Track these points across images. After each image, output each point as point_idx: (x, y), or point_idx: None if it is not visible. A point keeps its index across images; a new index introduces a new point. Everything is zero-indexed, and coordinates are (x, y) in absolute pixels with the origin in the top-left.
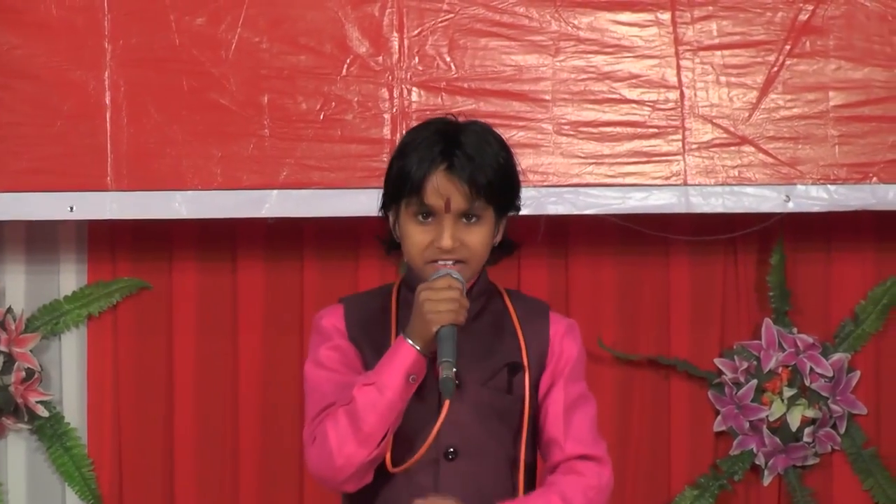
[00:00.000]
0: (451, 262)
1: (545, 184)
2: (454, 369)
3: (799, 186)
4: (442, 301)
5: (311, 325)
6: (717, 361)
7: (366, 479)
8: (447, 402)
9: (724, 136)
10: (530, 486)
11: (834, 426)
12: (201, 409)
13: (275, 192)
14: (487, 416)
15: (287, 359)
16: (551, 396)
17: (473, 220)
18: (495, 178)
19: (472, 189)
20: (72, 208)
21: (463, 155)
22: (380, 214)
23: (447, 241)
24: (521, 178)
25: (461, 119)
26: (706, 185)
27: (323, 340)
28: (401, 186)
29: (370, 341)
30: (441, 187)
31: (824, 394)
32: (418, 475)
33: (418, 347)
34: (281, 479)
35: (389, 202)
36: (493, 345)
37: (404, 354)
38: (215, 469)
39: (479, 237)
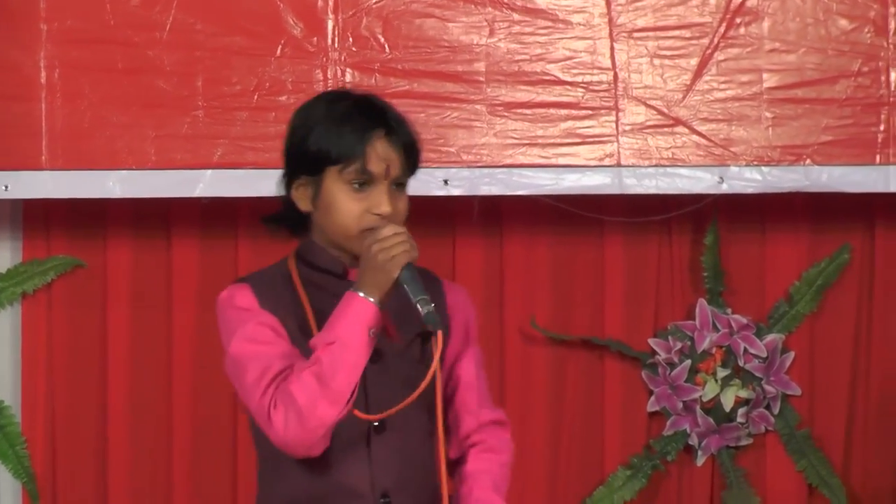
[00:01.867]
0: None
1: (478, 164)
2: (432, 303)
3: (732, 168)
4: (394, 246)
5: (220, 307)
6: (651, 342)
7: (327, 443)
8: (440, 334)
9: (658, 117)
10: (437, 452)
11: (767, 407)
12: (135, 386)
13: (209, 171)
14: (408, 386)
15: (219, 340)
16: (463, 365)
17: (401, 186)
18: (416, 147)
19: (407, 155)
20: (6, 187)
21: (395, 121)
22: (281, 192)
23: (387, 206)
24: (454, 157)
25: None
26: (640, 166)
27: (248, 318)
28: (329, 153)
29: (287, 315)
30: (382, 154)
31: (758, 374)
32: (350, 449)
33: (375, 300)
34: (214, 454)
35: (301, 173)
36: (406, 317)
37: (363, 309)
38: (148, 445)
39: (405, 204)
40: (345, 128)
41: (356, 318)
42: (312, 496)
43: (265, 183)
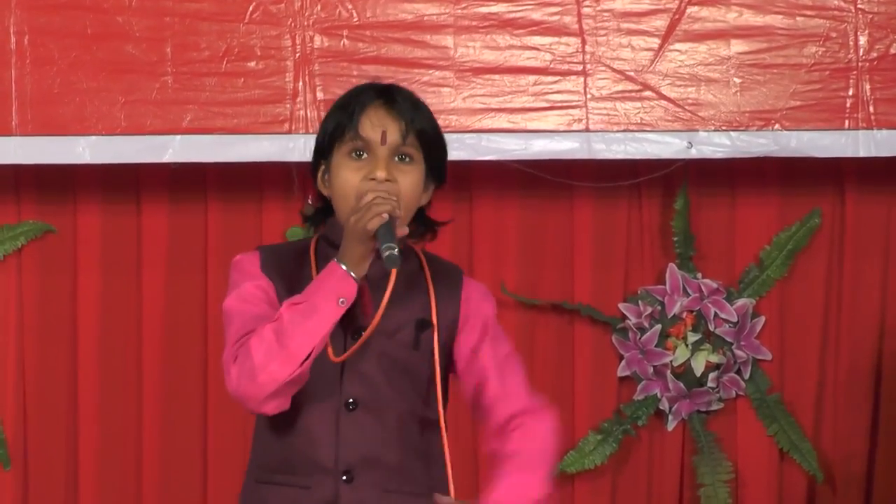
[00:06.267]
0: None
1: (447, 129)
2: (397, 248)
3: (701, 133)
4: (369, 210)
5: (230, 268)
6: (622, 306)
7: (284, 404)
8: (394, 272)
9: (626, 83)
10: (439, 445)
11: (738, 371)
12: (105, 351)
13: (178, 137)
14: (391, 369)
15: (190, 302)
16: (482, 360)
17: (406, 159)
18: (429, 128)
19: (408, 125)
20: None
21: (401, 97)
22: (309, 156)
23: (381, 171)
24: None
25: None
26: (608, 131)
27: (245, 278)
28: (335, 131)
29: (287, 285)
30: (377, 120)
31: (728, 339)
32: (318, 422)
33: (350, 271)
34: (184, 417)
35: (321, 158)
36: (403, 300)
37: (336, 277)
38: (118, 408)
39: (410, 178)
40: (347, 104)
41: (328, 286)
42: (283, 465)
43: (234, 148)
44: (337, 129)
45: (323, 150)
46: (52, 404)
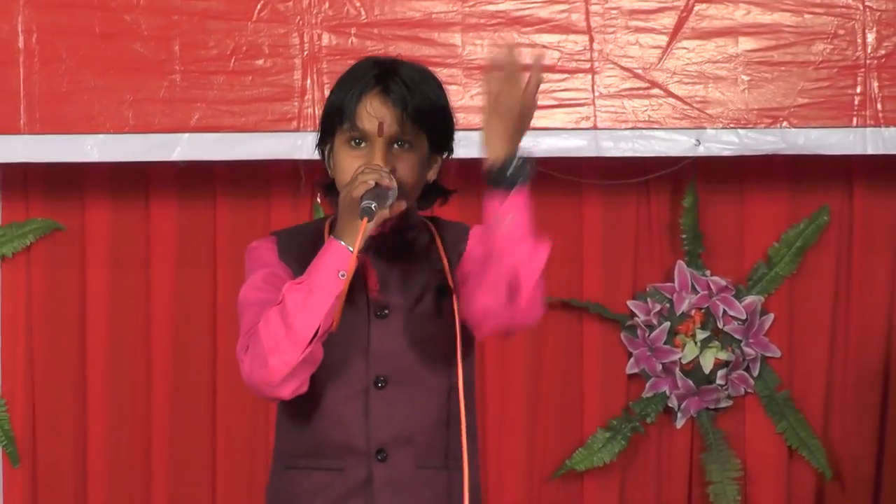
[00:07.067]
0: None
1: (456, 127)
2: (374, 203)
3: (709, 130)
4: (356, 180)
5: (246, 255)
6: (630, 304)
7: (301, 387)
8: (364, 220)
9: (634, 80)
10: (470, 408)
11: (747, 369)
12: (114, 347)
13: (186, 135)
14: (417, 342)
15: (199, 300)
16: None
17: (405, 146)
18: (430, 108)
19: (405, 113)
20: None
21: (398, 80)
22: (316, 153)
23: (379, 163)
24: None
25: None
26: (616, 129)
27: (258, 267)
28: (334, 115)
29: (303, 270)
30: (374, 110)
31: (737, 336)
32: (347, 404)
33: (348, 245)
34: (193, 413)
35: (325, 137)
36: (419, 273)
37: (332, 252)
38: (127, 405)
39: (409, 163)
40: (346, 88)
41: (325, 261)
42: (313, 450)
43: (242, 146)
44: (336, 113)
45: (324, 129)
46: (61, 402)
